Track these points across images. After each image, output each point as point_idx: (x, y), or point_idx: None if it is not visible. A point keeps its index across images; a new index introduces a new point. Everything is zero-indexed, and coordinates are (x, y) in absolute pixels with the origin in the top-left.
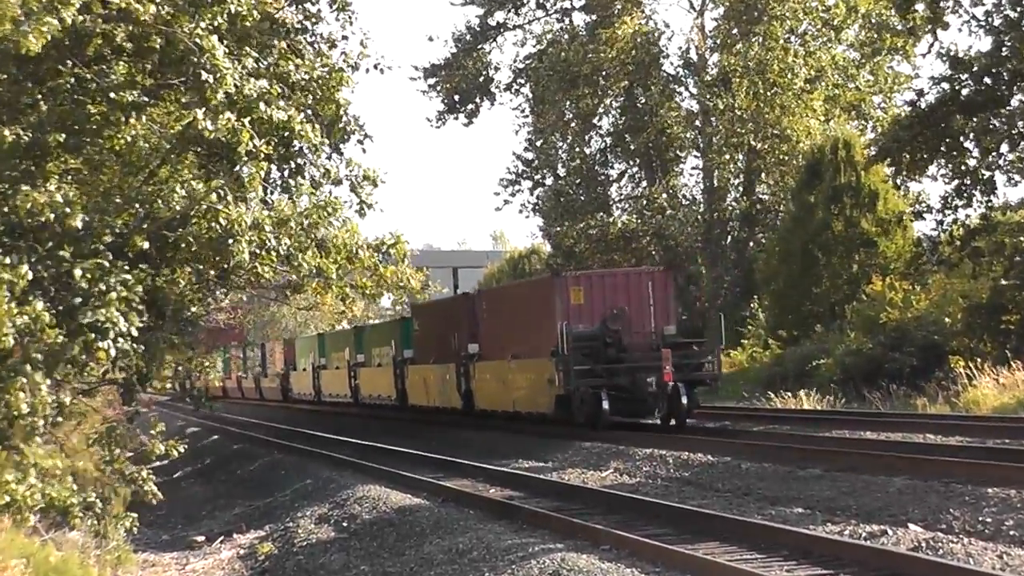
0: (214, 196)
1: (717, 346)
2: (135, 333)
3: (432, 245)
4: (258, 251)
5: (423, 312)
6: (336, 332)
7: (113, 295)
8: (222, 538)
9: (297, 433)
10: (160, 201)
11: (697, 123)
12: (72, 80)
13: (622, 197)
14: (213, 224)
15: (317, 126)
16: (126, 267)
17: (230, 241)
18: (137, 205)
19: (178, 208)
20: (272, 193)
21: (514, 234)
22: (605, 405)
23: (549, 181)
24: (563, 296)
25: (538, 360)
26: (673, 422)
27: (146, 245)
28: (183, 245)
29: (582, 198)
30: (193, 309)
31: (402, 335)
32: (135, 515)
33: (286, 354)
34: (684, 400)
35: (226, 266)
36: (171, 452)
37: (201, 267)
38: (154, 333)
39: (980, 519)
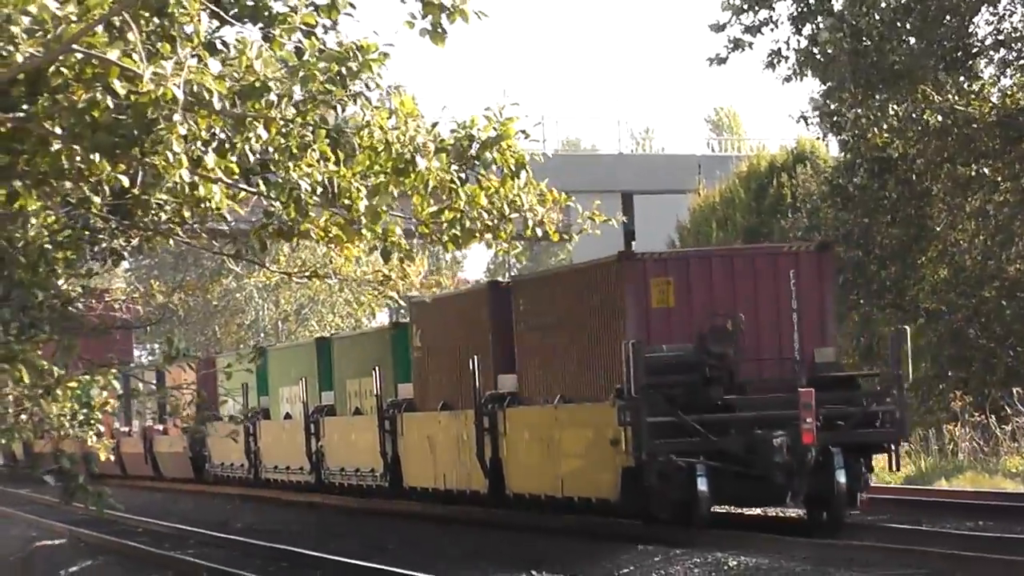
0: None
1: (897, 382)
2: None
3: (581, 143)
4: (202, 146)
5: (429, 315)
6: (287, 348)
7: None
8: None
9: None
10: None
11: None
12: None
13: (1004, 38)
14: (99, 93)
15: None
16: None
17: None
18: None
19: (22, 50)
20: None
21: (756, 118)
22: (702, 486)
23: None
24: (638, 294)
25: (595, 407)
26: (827, 516)
27: None
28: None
29: (911, 46)
30: (58, 275)
31: (394, 356)
32: None
33: (204, 389)
34: (842, 478)
35: (127, 178)
36: None
37: (72, 180)
38: None
39: None
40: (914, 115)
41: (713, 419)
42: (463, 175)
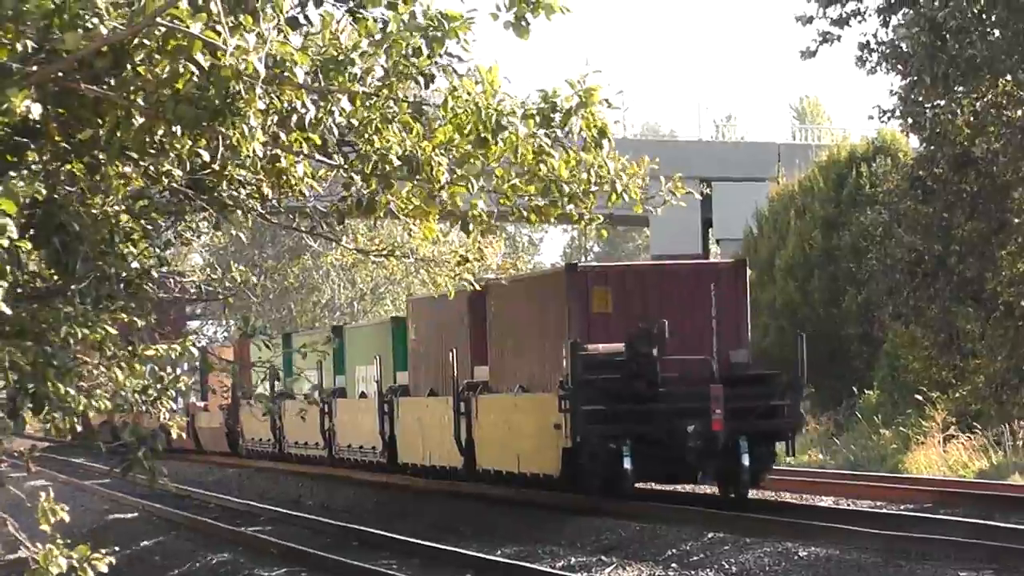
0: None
1: (795, 381)
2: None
3: (660, 128)
4: (279, 123)
5: (422, 311)
6: (307, 333)
7: None
8: None
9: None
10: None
11: None
12: None
13: None
14: (181, 63)
15: None
16: None
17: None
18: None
19: (106, 24)
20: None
21: (838, 108)
22: (627, 465)
23: None
24: (579, 300)
25: (543, 397)
26: (734, 492)
27: (35, 109)
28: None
29: (992, 38)
30: (137, 249)
31: (393, 347)
32: None
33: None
34: (746, 461)
35: (208, 152)
36: (83, 573)
37: (150, 157)
38: (51, 295)
39: None
40: (993, 110)
41: (638, 409)
42: (549, 142)
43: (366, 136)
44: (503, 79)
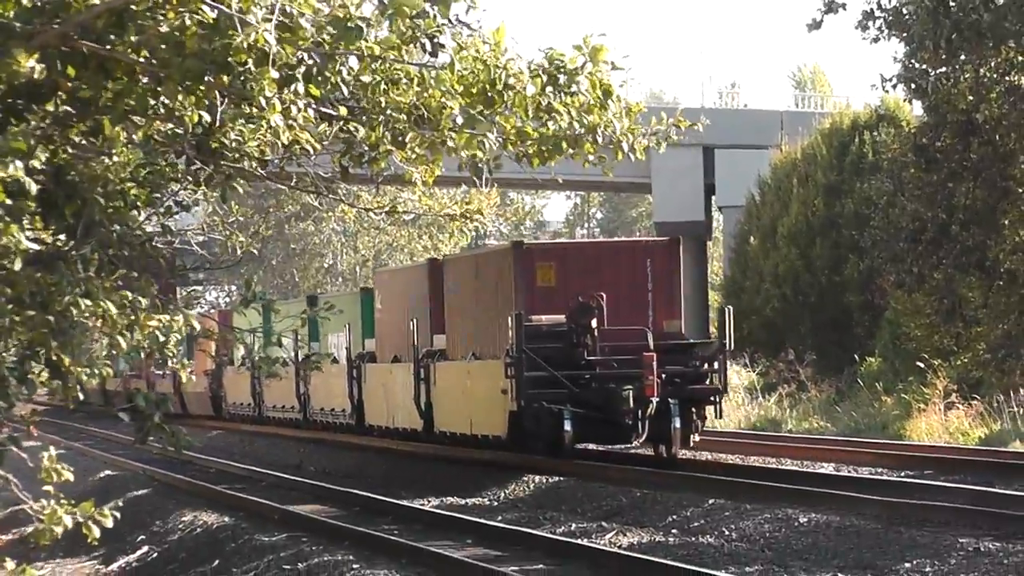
0: None
1: (722, 349)
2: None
3: (663, 96)
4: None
5: (387, 282)
6: (285, 303)
7: None
8: None
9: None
10: None
11: None
12: None
13: None
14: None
15: None
16: None
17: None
18: None
19: None
20: None
21: (841, 76)
22: (568, 427)
23: None
24: (525, 276)
25: (492, 364)
26: (666, 452)
27: (39, 69)
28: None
29: (999, 3)
30: (138, 212)
31: (362, 316)
32: None
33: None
34: (677, 424)
35: (209, 115)
36: (88, 530)
37: (154, 120)
38: (60, 257)
39: None
40: (996, 76)
41: (577, 375)
42: (556, 100)
43: (373, 97)
44: (510, 39)
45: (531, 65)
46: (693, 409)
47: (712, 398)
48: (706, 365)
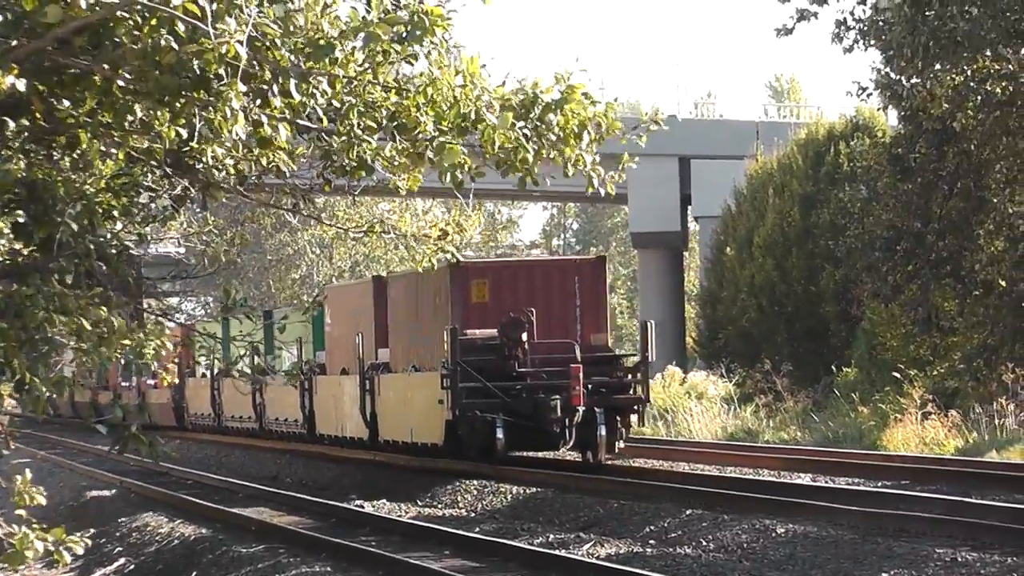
0: None
1: (644, 362)
2: None
3: (639, 104)
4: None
5: (336, 298)
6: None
7: None
8: None
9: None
10: None
11: None
12: None
13: None
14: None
15: None
16: None
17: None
18: None
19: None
20: None
21: (816, 86)
22: (500, 435)
23: None
24: (460, 292)
25: (430, 375)
26: (592, 458)
27: (20, 85)
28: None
29: (975, 13)
30: (118, 227)
31: (314, 330)
32: None
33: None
34: (602, 431)
35: (186, 132)
36: (59, 556)
37: (131, 134)
38: (32, 272)
39: None
40: (973, 84)
41: (508, 386)
42: (527, 133)
43: (348, 120)
44: (483, 70)
45: (503, 97)
46: (618, 417)
47: (635, 407)
48: (630, 376)
